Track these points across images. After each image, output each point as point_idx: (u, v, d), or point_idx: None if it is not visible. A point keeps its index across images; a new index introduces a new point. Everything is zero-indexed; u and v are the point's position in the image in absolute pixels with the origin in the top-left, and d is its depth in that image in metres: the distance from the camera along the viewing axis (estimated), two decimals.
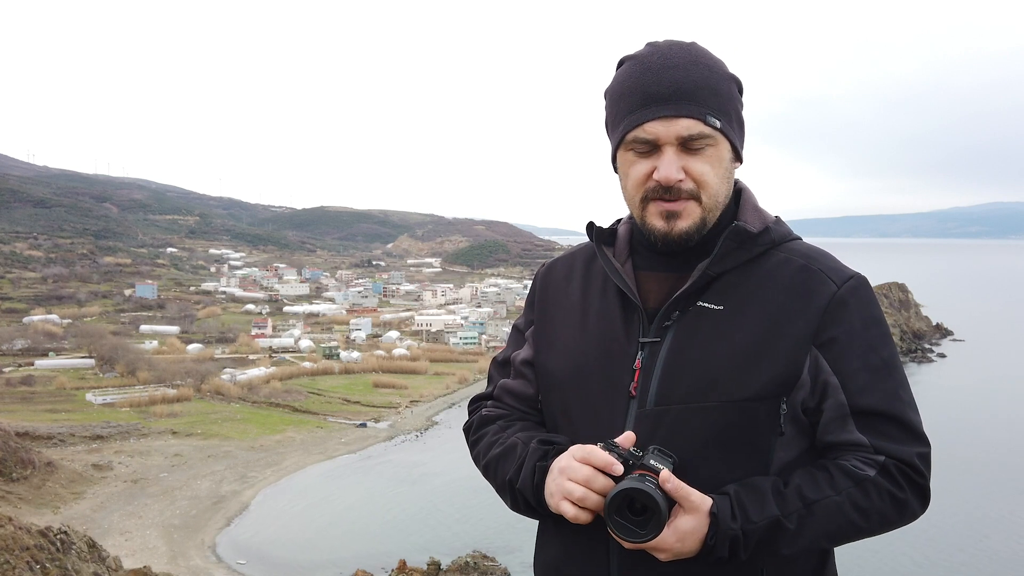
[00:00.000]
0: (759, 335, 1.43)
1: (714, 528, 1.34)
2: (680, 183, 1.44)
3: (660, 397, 1.45)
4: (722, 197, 1.50)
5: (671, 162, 1.43)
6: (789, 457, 1.45)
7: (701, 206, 1.46)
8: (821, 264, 1.50)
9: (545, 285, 1.71)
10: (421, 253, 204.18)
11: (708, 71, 1.46)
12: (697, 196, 1.45)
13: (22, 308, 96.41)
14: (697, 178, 1.44)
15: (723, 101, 1.46)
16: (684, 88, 1.43)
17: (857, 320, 1.46)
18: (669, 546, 1.35)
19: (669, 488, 1.33)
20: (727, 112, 1.47)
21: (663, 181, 1.43)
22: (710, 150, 1.45)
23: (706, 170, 1.45)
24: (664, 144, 1.44)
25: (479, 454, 1.65)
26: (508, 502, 1.58)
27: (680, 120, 1.42)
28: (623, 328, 1.53)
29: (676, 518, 1.35)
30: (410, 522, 38.35)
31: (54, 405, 58.00)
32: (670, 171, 1.43)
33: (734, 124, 1.49)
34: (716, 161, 1.46)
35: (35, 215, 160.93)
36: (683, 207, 1.45)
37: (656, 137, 1.44)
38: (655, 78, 1.44)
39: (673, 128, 1.43)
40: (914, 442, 1.43)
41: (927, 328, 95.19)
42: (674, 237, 1.46)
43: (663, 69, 1.45)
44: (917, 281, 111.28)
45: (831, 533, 1.39)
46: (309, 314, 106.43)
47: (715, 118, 1.44)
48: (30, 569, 17.31)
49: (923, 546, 32.56)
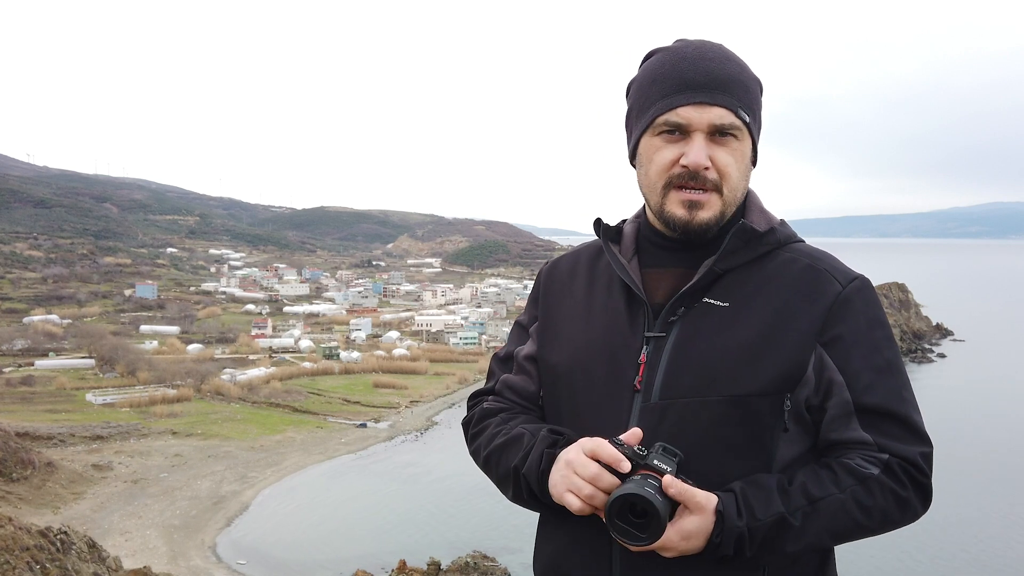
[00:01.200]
0: (764, 331, 1.44)
1: (720, 526, 1.35)
2: (707, 171, 1.45)
3: (664, 391, 1.46)
4: (740, 193, 1.51)
5: (701, 148, 1.44)
6: (792, 454, 1.45)
7: (722, 199, 1.47)
8: (826, 264, 1.52)
9: (549, 281, 1.72)
10: (421, 253, 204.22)
11: (739, 68, 1.49)
12: (719, 188, 1.47)
13: (22, 308, 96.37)
14: (721, 169, 1.46)
15: (752, 99, 1.50)
16: (720, 78, 1.45)
17: (862, 320, 1.47)
18: (674, 545, 1.35)
19: (672, 493, 1.34)
20: (754, 110, 1.50)
21: (692, 166, 1.44)
22: (735, 143, 1.47)
23: (730, 162, 1.46)
24: (695, 130, 1.45)
25: (479, 447, 1.65)
26: (509, 493, 1.58)
27: (714, 108, 1.44)
28: (628, 323, 1.54)
29: (681, 518, 1.35)
30: (410, 522, 38.34)
31: (54, 405, 57.98)
32: (700, 156, 1.44)
33: (757, 124, 1.52)
34: (740, 156, 1.48)
35: (35, 215, 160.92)
36: (707, 198, 1.46)
37: (688, 122, 1.45)
38: (691, 66, 1.46)
39: (707, 115, 1.44)
40: (917, 442, 1.44)
41: (927, 328, 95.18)
42: (695, 226, 1.47)
43: (699, 59, 1.47)
44: (917, 281, 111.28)
45: (835, 531, 1.39)
46: (309, 314, 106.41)
47: (745, 112, 1.47)
48: (30, 569, 17.31)
49: (923, 546, 32.55)
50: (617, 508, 1.32)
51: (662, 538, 1.33)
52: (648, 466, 1.36)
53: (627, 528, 1.32)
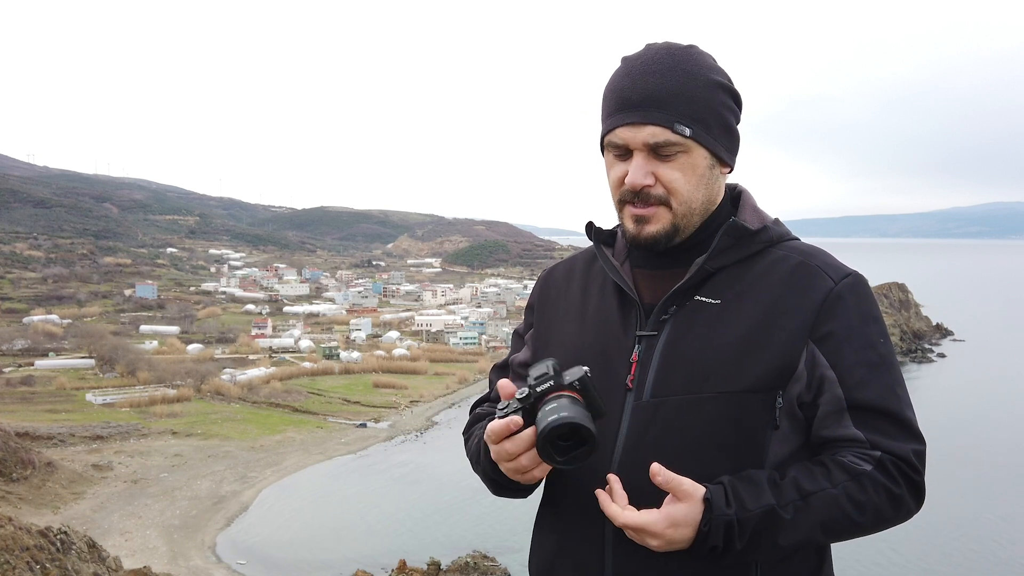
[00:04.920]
0: (755, 328, 1.44)
1: (708, 514, 1.34)
2: (649, 188, 1.46)
3: (656, 389, 1.46)
4: (697, 203, 1.50)
5: (638, 167, 1.46)
6: (784, 452, 1.45)
7: (671, 212, 1.48)
8: (819, 260, 1.51)
9: (545, 288, 1.74)
10: (421, 253, 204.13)
11: (687, 77, 1.46)
12: (667, 202, 1.47)
13: (22, 308, 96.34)
14: (667, 184, 1.46)
15: (698, 108, 1.46)
16: (654, 95, 1.44)
17: (855, 316, 1.46)
18: (661, 531, 1.34)
19: (659, 481, 1.34)
20: (702, 119, 1.47)
21: (629, 186, 1.47)
22: (682, 157, 1.46)
23: (676, 177, 1.46)
24: (634, 150, 1.46)
25: (468, 450, 1.68)
26: (489, 488, 1.61)
27: (646, 127, 1.44)
28: (620, 323, 1.55)
29: (669, 505, 1.36)
30: (410, 522, 38.34)
31: (54, 405, 57.95)
32: (636, 176, 1.46)
33: (714, 131, 1.49)
34: (688, 168, 1.47)
35: (35, 215, 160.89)
36: (652, 212, 1.48)
37: (626, 143, 1.47)
38: (630, 84, 1.47)
39: (639, 135, 1.45)
40: (910, 439, 1.43)
41: (927, 328, 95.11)
42: (642, 240, 1.50)
43: (641, 75, 1.46)
44: (917, 281, 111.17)
45: (827, 526, 1.38)
46: (309, 314, 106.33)
47: (684, 126, 1.44)
48: (30, 569, 17.31)
49: (921, 546, 32.53)
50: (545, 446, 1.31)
51: (648, 521, 1.34)
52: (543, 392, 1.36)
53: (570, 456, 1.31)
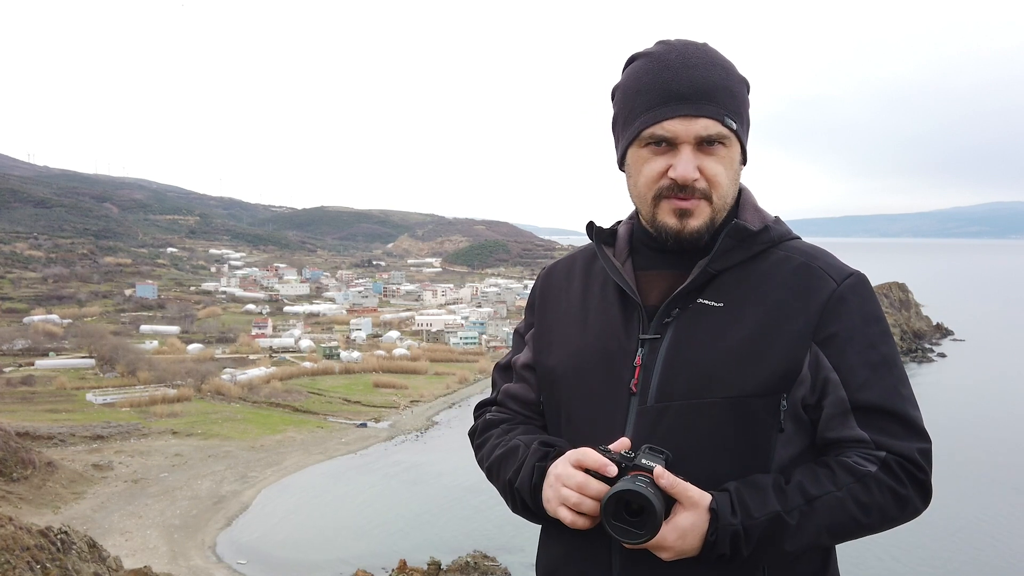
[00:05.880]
0: (759, 331, 1.43)
1: (715, 524, 1.34)
2: (695, 182, 1.44)
3: (661, 394, 1.45)
4: (730, 198, 1.51)
5: (688, 161, 1.43)
6: (790, 455, 1.44)
7: (711, 206, 1.47)
8: (821, 262, 1.51)
9: (545, 288, 1.72)
10: (421, 253, 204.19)
11: (725, 73, 1.47)
12: (709, 196, 1.46)
13: (22, 308, 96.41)
14: (711, 178, 1.45)
15: (738, 103, 1.48)
16: (704, 88, 1.43)
17: (857, 317, 1.46)
18: (670, 544, 1.34)
19: (664, 484, 1.33)
20: (740, 114, 1.49)
21: (680, 180, 1.44)
22: (723, 151, 1.46)
23: (719, 171, 1.46)
24: (682, 143, 1.44)
25: (483, 457, 1.66)
26: (510, 504, 1.59)
27: (700, 120, 1.43)
28: (623, 326, 1.53)
29: (676, 515, 1.34)
30: (410, 522, 38.32)
31: (54, 405, 57.97)
32: (688, 170, 1.43)
33: (745, 127, 1.51)
34: (728, 162, 1.48)
35: (35, 215, 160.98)
36: (696, 206, 1.46)
37: (675, 135, 1.44)
38: (675, 76, 1.44)
39: (692, 127, 1.43)
40: (915, 438, 1.43)
41: (927, 328, 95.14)
42: (686, 235, 1.47)
43: (683, 68, 1.44)
44: (917, 281, 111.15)
45: (834, 529, 1.38)
46: (309, 314, 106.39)
47: (731, 120, 1.45)
48: (30, 569, 17.32)
49: (924, 546, 32.53)
50: (612, 507, 1.32)
51: (657, 536, 1.32)
52: (636, 466, 1.35)
53: (624, 527, 1.32)
